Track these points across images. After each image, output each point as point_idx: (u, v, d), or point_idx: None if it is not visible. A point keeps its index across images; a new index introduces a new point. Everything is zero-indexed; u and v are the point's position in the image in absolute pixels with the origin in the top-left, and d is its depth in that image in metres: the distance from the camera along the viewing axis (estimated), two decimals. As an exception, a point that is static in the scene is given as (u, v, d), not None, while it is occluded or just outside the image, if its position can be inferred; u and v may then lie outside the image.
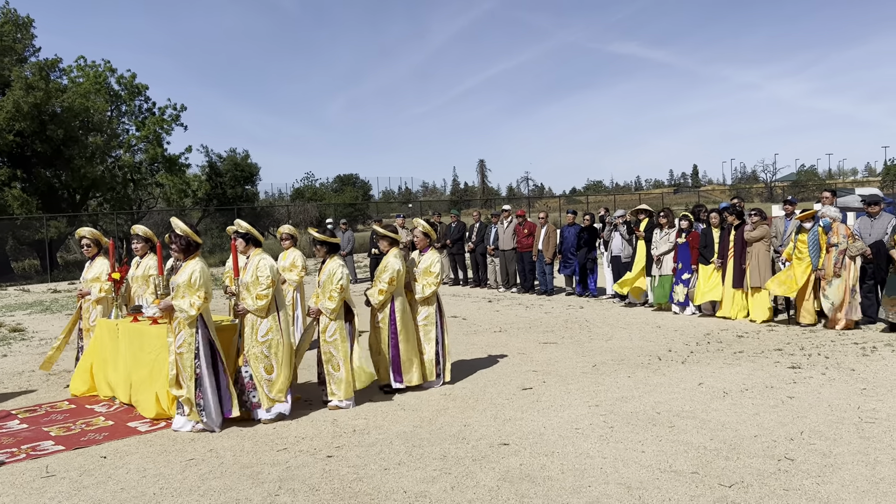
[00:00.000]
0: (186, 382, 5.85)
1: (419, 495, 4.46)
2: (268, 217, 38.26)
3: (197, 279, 5.88)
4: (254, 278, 6.15)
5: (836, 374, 7.07)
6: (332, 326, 6.49)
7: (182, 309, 5.83)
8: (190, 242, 6.07)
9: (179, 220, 6.10)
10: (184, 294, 5.88)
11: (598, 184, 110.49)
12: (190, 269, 5.95)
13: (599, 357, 8.24)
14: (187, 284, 5.89)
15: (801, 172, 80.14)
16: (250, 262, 6.28)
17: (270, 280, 6.11)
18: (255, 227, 6.64)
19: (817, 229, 9.33)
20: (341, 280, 6.43)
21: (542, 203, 58.26)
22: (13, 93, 23.50)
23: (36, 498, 4.66)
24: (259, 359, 6.11)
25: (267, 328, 6.14)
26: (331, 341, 6.50)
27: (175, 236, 6.06)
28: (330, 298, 6.45)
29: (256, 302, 6.10)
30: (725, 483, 4.46)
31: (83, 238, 8.09)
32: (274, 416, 6.11)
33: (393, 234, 7.18)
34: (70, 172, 26.14)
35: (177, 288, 5.94)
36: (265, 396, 6.09)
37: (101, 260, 7.95)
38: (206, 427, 5.87)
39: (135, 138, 32.12)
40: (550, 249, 13.83)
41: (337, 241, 6.84)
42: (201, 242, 6.23)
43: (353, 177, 58.78)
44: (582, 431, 5.56)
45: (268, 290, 6.11)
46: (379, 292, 6.89)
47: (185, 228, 6.03)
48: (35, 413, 6.76)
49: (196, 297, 5.84)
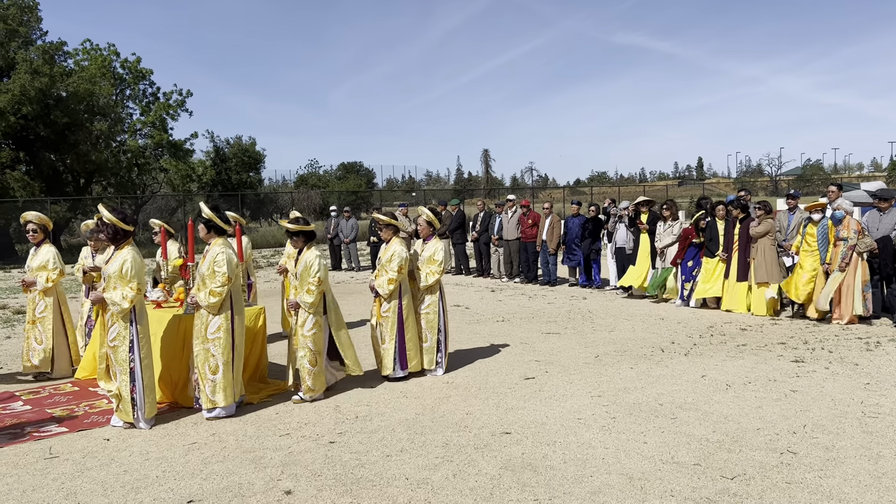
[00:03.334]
0: (119, 376, 5.55)
1: (421, 482, 4.47)
2: (271, 203, 38.31)
3: (129, 269, 5.52)
4: (210, 271, 5.77)
5: (839, 368, 7.06)
6: (311, 320, 6.22)
7: (114, 302, 5.49)
8: (118, 230, 5.67)
9: (105, 207, 5.72)
10: (115, 285, 5.54)
11: (603, 175, 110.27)
12: (121, 259, 5.59)
13: (602, 348, 8.23)
14: (119, 275, 5.53)
15: (806, 167, 79.95)
16: (209, 252, 5.87)
17: (227, 277, 5.73)
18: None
19: (827, 222, 9.29)
20: (319, 272, 6.14)
21: (546, 194, 58.17)
22: (19, 76, 23.47)
23: (39, 479, 4.67)
24: (204, 356, 5.82)
25: (217, 326, 5.80)
26: (309, 335, 6.20)
27: (101, 224, 5.70)
28: (308, 292, 6.16)
29: (209, 298, 5.73)
30: (727, 475, 4.46)
31: (29, 223, 7.52)
32: (213, 417, 5.82)
33: (395, 222, 7.07)
34: (74, 157, 26.14)
35: (108, 279, 5.58)
36: (206, 396, 5.81)
37: (46, 247, 7.49)
38: (133, 425, 5.60)
39: (140, 123, 32.13)
40: (554, 240, 13.81)
41: (311, 228, 6.52)
42: (131, 230, 5.77)
43: (357, 164, 58.76)
44: (584, 422, 5.56)
45: (223, 287, 5.72)
46: (388, 281, 6.77)
47: (111, 216, 5.62)
48: (38, 395, 6.79)
49: (128, 288, 5.49)
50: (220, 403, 5.81)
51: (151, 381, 5.70)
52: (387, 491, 4.35)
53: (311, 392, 6.24)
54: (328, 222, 18.96)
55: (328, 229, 18.61)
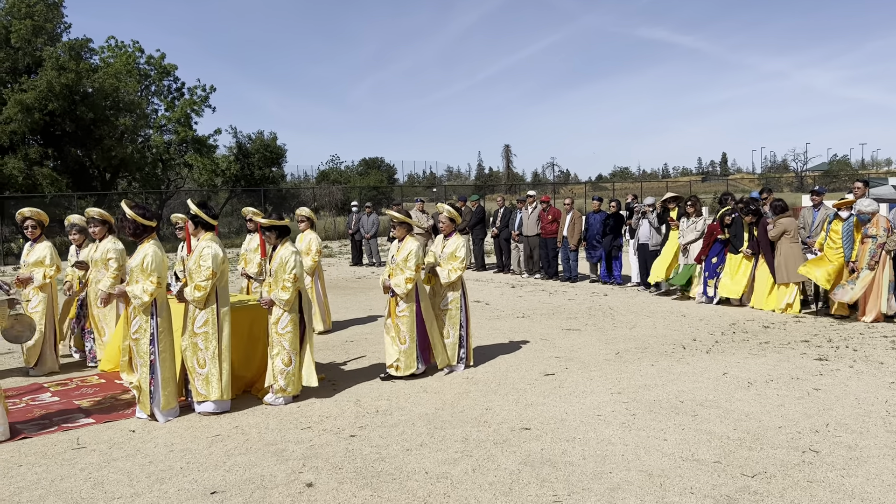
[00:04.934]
0: (140, 368, 5.67)
1: (440, 476, 4.50)
2: (293, 199, 38.55)
3: (150, 263, 5.63)
4: (196, 265, 5.80)
5: (864, 366, 6.98)
6: (286, 318, 6.11)
7: (135, 295, 5.61)
8: (138, 226, 5.79)
9: (127, 203, 5.83)
10: (137, 279, 5.67)
11: (625, 170, 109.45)
12: (143, 253, 5.71)
13: (623, 345, 8.21)
14: (140, 269, 5.66)
15: (833, 162, 78.71)
16: (196, 248, 5.91)
17: (211, 271, 5.73)
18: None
19: (853, 220, 9.17)
20: (294, 269, 6.05)
21: (567, 189, 57.89)
22: (45, 73, 23.84)
23: (67, 468, 4.78)
24: (192, 350, 5.85)
25: (203, 320, 5.80)
26: (283, 334, 6.10)
27: (123, 219, 5.81)
28: (283, 289, 6.05)
29: (194, 292, 5.76)
30: (748, 473, 4.44)
31: (27, 219, 7.50)
32: (202, 412, 5.85)
33: (409, 220, 6.96)
34: (100, 152, 26.50)
35: (131, 272, 5.72)
36: (195, 390, 5.84)
37: (43, 243, 7.47)
38: (153, 417, 5.70)
39: (164, 119, 32.51)
40: (575, 236, 13.76)
41: (286, 223, 6.40)
42: (153, 225, 5.90)
43: (378, 160, 58.83)
44: (604, 418, 5.55)
45: (207, 281, 5.73)
46: (406, 280, 6.67)
47: (131, 212, 5.74)
48: (66, 387, 6.92)
49: (149, 282, 5.60)
50: (210, 397, 5.80)
51: (170, 374, 5.78)
52: (406, 484, 4.39)
53: (282, 393, 6.10)
54: (349, 217, 19.18)
55: (349, 224, 18.79)
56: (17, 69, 24.73)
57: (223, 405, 5.91)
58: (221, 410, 5.89)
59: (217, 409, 5.87)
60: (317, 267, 9.33)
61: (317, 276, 9.30)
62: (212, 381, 5.80)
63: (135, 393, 5.77)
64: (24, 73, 24.77)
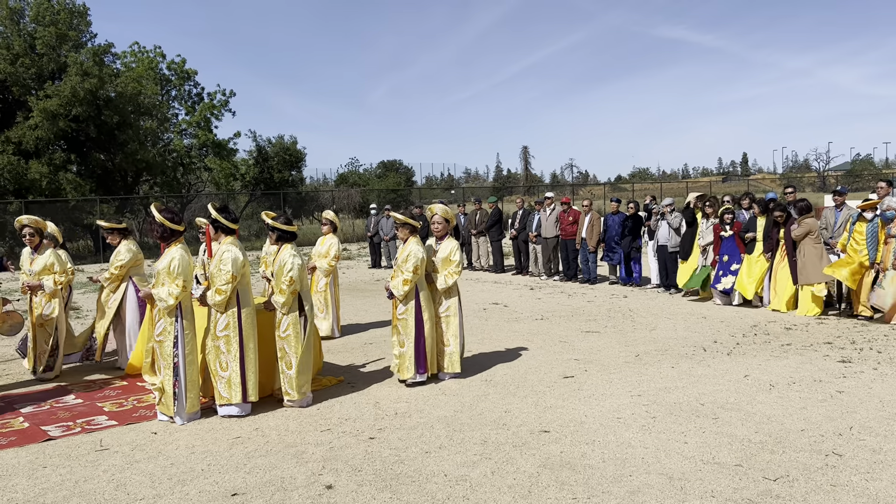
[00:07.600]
0: (164, 371, 5.71)
1: (459, 479, 4.50)
2: (312, 202, 38.73)
3: (176, 267, 5.70)
4: (217, 270, 5.86)
5: (888, 369, 6.88)
6: (286, 321, 6.11)
7: (160, 298, 5.67)
8: (166, 230, 5.92)
9: (156, 208, 5.97)
10: (163, 282, 5.73)
11: (645, 171, 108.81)
12: (170, 257, 5.78)
13: (643, 347, 8.16)
14: (167, 272, 5.72)
15: (856, 161, 77.65)
16: (217, 252, 5.96)
17: (231, 275, 5.77)
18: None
19: (877, 221, 9.04)
20: (291, 272, 6.04)
21: (586, 190, 57.67)
22: (70, 78, 24.17)
23: (90, 470, 4.84)
24: (215, 354, 5.89)
25: (224, 324, 5.86)
26: (284, 337, 6.11)
27: (153, 222, 5.95)
28: (280, 292, 6.07)
29: (214, 296, 5.80)
30: (770, 476, 4.39)
31: (25, 227, 7.46)
32: (225, 415, 5.89)
33: (413, 221, 6.86)
34: (123, 156, 26.82)
35: (157, 275, 5.78)
36: (218, 393, 5.89)
37: (48, 250, 7.45)
38: (173, 420, 5.75)
39: (185, 123, 32.85)
40: (594, 237, 13.70)
41: (293, 229, 6.41)
42: (181, 230, 6.00)
43: (396, 163, 58.93)
44: (624, 421, 5.52)
45: (227, 285, 5.78)
46: (404, 282, 6.59)
47: (160, 217, 5.88)
48: (90, 389, 7.01)
49: (174, 285, 5.66)
50: (233, 400, 5.86)
51: (194, 377, 5.83)
52: (426, 487, 4.40)
53: (289, 396, 6.14)
54: (368, 220, 19.31)
55: (368, 227, 18.94)
56: (42, 75, 25.11)
57: (245, 408, 5.96)
58: (244, 413, 5.94)
59: (241, 413, 5.92)
60: (333, 271, 9.36)
61: (332, 280, 9.32)
62: (234, 384, 5.85)
63: (156, 395, 5.84)
64: (49, 78, 25.15)
